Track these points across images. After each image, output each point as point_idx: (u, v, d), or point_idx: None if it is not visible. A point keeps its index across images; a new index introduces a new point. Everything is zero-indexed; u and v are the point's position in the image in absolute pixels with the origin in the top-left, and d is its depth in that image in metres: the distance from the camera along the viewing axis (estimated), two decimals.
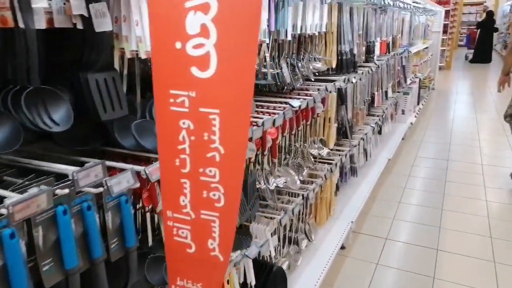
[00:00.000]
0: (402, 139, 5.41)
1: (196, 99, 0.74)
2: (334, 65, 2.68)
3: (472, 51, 14.25)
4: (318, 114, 2.45)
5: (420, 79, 6.59)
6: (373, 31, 3.64)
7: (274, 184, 1.88)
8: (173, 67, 0.74)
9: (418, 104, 6.66)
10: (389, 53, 4.31)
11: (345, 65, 2.79)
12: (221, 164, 0.77)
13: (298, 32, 2.10)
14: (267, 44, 1.80)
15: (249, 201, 1.72)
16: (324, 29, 2.40)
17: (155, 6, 0.74)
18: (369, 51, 3.54)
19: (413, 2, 5.63)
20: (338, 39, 2.75)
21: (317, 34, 2.27)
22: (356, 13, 3.01)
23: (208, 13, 0.70)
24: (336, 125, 2.89)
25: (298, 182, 2.16)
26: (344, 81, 2.64)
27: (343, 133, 3.02)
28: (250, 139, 1.52)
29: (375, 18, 3.72)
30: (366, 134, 3.59)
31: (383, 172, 4.10)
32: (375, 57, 3.77)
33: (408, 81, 5.69)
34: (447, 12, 11.16)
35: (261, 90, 2.10)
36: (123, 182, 1.00)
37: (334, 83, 2.43)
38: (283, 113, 1.77)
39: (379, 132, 4.56)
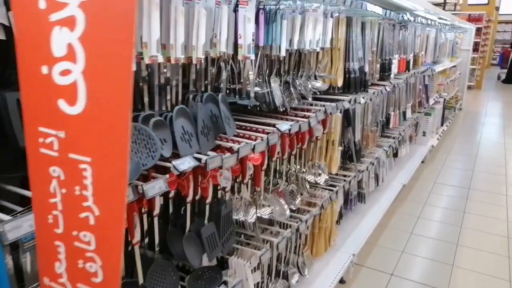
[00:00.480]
0: (422, 162, 5.10)
1: (65, 141, 0.58)
2: (340, 84, 2.47)
3: (505, 70, 13.65)
4: (317, 137, 2.24)
5: (445, 99, 6.26)
6: (390, 48, 3.41)
7: (255, 216, 1.68)
8: (40, 98, 0.58)
9: (442, 125, 6.32)
10: (408, 71, 4.06)
11: (353, 84, 2.58)
12: (97, 228, 0.60)
13: (295, 48, 1.91)
14: (252, 60, 1.63)
15: (221, 235, 1.53)
16: (327, 45, 2.21)
17: (20, 18, 0.58)
18: (385, 69, 3.30)
19: (439, 19, 5.35)
20: (345, 56, 2.54)
21: (318, 50, 2.08)
22: (368, 29, 2.80)
23: (75, 29, 0.54)
24: (341, 148, 2.67)
25: (288, 212, 1.95)
26: (350, 102, 2.43)
27: (349, 157, 2.80)
28: (220, 168, 1.34)
29: (393, 34, 3.49)
30: (377, 157, 3.35)
31: (396, 198, 3.82)
32: (391, 76, 3.53)
33: (431, 101, 5.39)
34: (478, 29, 10.73)
35: (253, 110, 1.92)
36: None
37: (336, 104, 2.22)
38: (267, 138, 1.58)
39: (395, 155, 4.29)
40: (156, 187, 1.04)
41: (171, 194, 1.35)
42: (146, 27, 1.08)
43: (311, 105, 2.29)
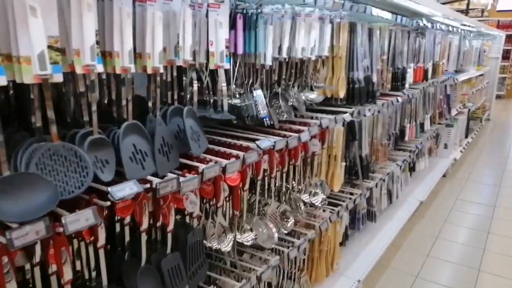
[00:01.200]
0: (443, 176, 4.77)
1: None
2: (341, 95, 2.25)
3: None
4: (314, 152, 2.03)
5: (469, 109, 5.88)
6: (404, 56, 3.16)
7: (231, 243, 1.48)
8: None
9: (466, 137, 5.94)
10: (426, 80, 3.78)
11: (358, 95, 2.35)
12: None
13: (284, 56, 1.72)
14: (227, 70, 1.45)
15: (188, 267, 1.34)
16: (325, 53, 2.00)
17: None
18: (397, 78, 3.05)
19: (462, 25, 5.03)
20: (348, 65, 2.32)
21: (313, 58, 1.88)
22: (377, 35, 2.57)
23: None
24: (344, 164, 2.44)
25: (276, 236, 1.75)
26: (353, 114, 2.21)
27: (355, 172, 2.56)
28: (178, 192, 1.16)
29: (408, 42, 3.24)
30: (389, 173, 3.08)
31: (412, 216, 3.53)
32: (406, 86, 3.27)
33: (454, 112, 5.05)
34: (509, 36, 10.20)
35: (245, 125, 1.73)
36: None
37: (335, 117, 2.00)
38: (243, 156, 1.39)
39: (412, 169, 4.00)
40: (81, 220, 0.87)
41: (127, 220, 1.18)
42: (77, 31, 0.92)
43: (312, 118, 2.08)
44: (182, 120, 1.31)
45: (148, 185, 1.10)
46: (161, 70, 1.18)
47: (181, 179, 1.15)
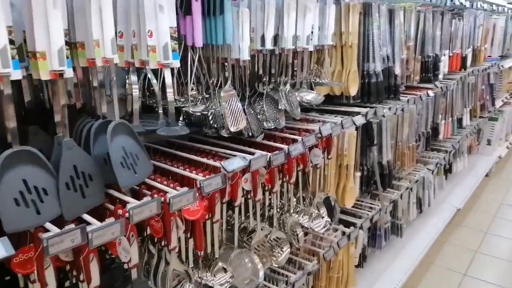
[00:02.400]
0: (486, 176, 4.21)
1: None
2: (353, 92, 1.84)
3: None
4: (316, 165, 1.64)
5: None
6: (437, 41, 2.68)
7: None
8: None
9: None
10: (465, 69, 3.25)
11: (375, 91, 1.92)
12: None
13: (269, 47, 1.34)
14: (176, 68, 1.09)
15: None
16: (328, 42, 1.59)
17: None
18: (428, 68, 2.58)
19: (509, 3, 4.38)
20: (363, 55, 1.90)
21: (311, 49, 1.48)
22: (400, 18, 2.12)
23: None
24: (359, 174, 2.03)
25: (262, 274, 1.38)
26: (366, 116, 1.79)
27: (373, 183, 2.14)
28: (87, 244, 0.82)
29: (442, 25, 2.74)
30: (417, 180, 2.62)
31: (448, 226, 3.05)
32: (439, 77, 2.78)
33: (499, 103, 4.44)
34: None
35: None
36: None
37: (342, 121, 1.60)
38: (200, 185, 1.03)
39: (449, 171, 3.49)
40: None
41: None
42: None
43: (313, 121, 1.70)
44: (126, 137, 0.97)
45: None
46: (69, 74, 0.84)
47: (90, 227, 0.81)
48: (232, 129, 1.17)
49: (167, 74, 1.00)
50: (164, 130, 1.03)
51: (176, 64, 1.03)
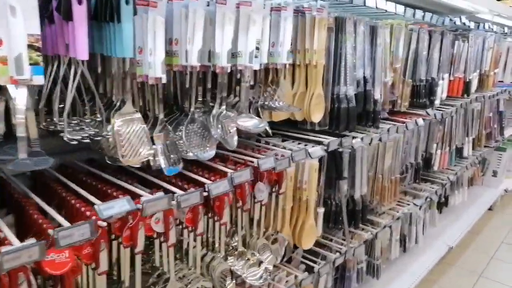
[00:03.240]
0: (489, 209, 3.87)
1: None
2: (316, 119, 1.58)
3: None
4: (261, 202, 1.39)
5: None
6: (434, 64, 2.40)
7: None
8: None
9: None
10: (468, 95, 2.95)
11: (344, 118, 1.66)
12: None
13: (194, 63, 1.10)
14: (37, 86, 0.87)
15: None
16: (283, 60, 1.35)
17: None
18: (420, 94, 2.30)
19: None
20: (333, 77, 1.64)
21: (256, 68, 1.24)
22: (385, 36, 1.86)
23: None
24: (322, 210, 1.77)
25: None
26: (328, 147, 1.54)
27: (340, 220, 1.87)
28: None
29: (441, 46, 2.46)
30: (399, 217, 2.33)
31: (438, 265, 2.75)
32: (436, 102, 2.50)
33: (509, 132, 4.09)
34: None
35: None
36: None
37: (292, 154, 1.35)
38: (56, 235, 0.80)
39: (444, 205, 3.18)
40: None
41: None
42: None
43: (267, 150, 1.46)
44: None
45: None
46: None
47: None
48: (124, 160, 0.94)
49: (19, 94, 0.78)
50: (16, 164, 0.81)
51: (38, 80, 0.80)
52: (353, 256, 1.93)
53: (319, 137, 1.64)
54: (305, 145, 1.63)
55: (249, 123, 1.25)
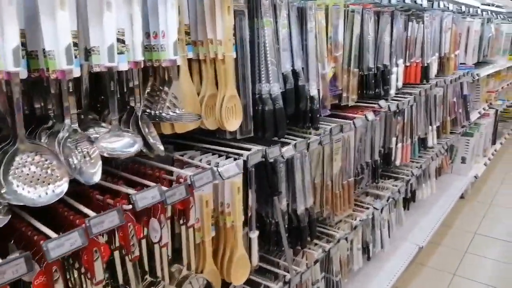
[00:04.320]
0: (461, 197, 3.64)
1: None
2: (231, 127, 1.25)
3: None
4: (159, 243, 1.06)
5: (497, 110, 4.63)
6: (385, 49, 2.10)
7: None
8: None
9: (494, 144, 4.70)
10: (427, 81, 2.68)
11: (271, 122, 1.34)
12: None
13: (13, 69, 0.75)
14: None
15: None
16: (171, 55, 1.01)
17: None
18: (369, 84, 2.00)
19: (485, 5, 3.83)
20: (252, 73, 1.32)
21: (123, 68, 0.90)
22: (319, 20, 1.54)
23: None
24: (256, 234, 1.44)
25: None
26: (247, 162, 1.22)
27: (276, 242, 1.55)
28: None
29: (392, 29, 2.17)
30: (356, 226, 2.03)
31: (408, 269, 2.47)
32: (391, 92, 2.21)
33: (475, 116, 3.87)
34: None
35: None
36: None
37: (191, 180, 1.02)
38: None
39: (411, 200, 2.92)
40: None
41: None
42: None
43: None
44: None
45: None
46: None
47: None
48: None
49: None
50: None
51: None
52: (301, 282, 1.61)
53: (245, 147, 1.32)
54: (227, 157, 1.31)
55: (116, 144, 0.91)
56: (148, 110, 1.09)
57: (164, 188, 0.99)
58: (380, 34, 2.06)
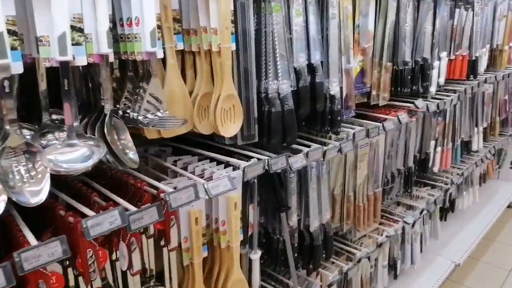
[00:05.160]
0: (508, 207, 3.26)
1: None
2: (227, 132, 1.05)
3: None
4: (129, 271, 0.89)
5: None
6: (426, 41, 1.82)
7: None
8: None
9: None
10: (475, 77, 2.34)
11: (278, 127, 1.13)
12: None
13: None
14: None
15: None
16: (147, 47, 0.82)
17: None
18: (404, 80, 1.72)
19: None
20: (257, 68, 1.10)
21: (82, 62, 0.73)
22: (344, 5, 1.29)
23: None
24: (258, 255, 1.25)
25: None
26: (245, 175, 1.02)
27: (284, 261, 1.34)
28: None
29: (438, 17, 1.88)
30: (381, 244, 1.78)
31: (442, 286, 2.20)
32: (431, 89, 1.93)
33: None
34: None
35: None
36: None
37: (167, 198, 0.84)
38: None
39: (450, 210, 2.61)
40: None
41: None
42: None
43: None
44: None
45: None
46: None
47: None
48: None
49: None
50: None
51: None
52: None
53: (251, 155, 1.12)
54: (226, 166, 1.12)
55: (67, 156, 0.73)
56: (129, 112, 0.91)
57: (133, 208, 0.81)
58: (420, 22, 1.77)
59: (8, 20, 0.65)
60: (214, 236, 1.13)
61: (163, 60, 0.94)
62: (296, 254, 1.35)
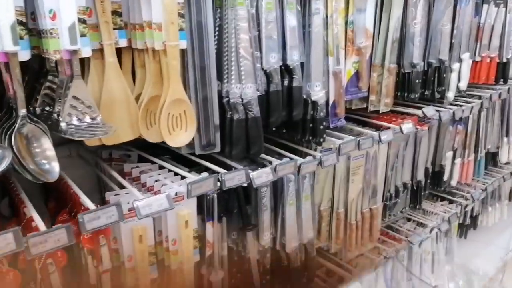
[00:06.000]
0: None
1: None
2: (176, 142, 0.92)
3: None
4: None
5: None
6: (443, 40, 1.60)
7: None
8: None
9: None
10: (505, 81, 2.07)
11: (241, 137, 0.98)
12: None
13: None
14: None
15: None
16: (67, 44, 0.71)
17: None
18: (412, 83, 1.52)
19: None
20: (218, 69, 0.96)
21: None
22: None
23: None
24: (220, 277, 1.11)
25: None
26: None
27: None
28: None
29: (459, 13, 1.66)
30: (377, 266, 1.59)
31: None
32: (449, 95, 1.71)
33: None
34: None
35: None
36: None
37: (82, 222, 0.72)
38: None
39: (471, 226, 2.36)
40: None
41: None
42: None
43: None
44: None
45: None
46: None
47: None
48: None
49: None
50: None
51: None
52: None
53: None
54: (182, 178, 1.00)
55: None
56: (56, 116, 0.81)
57: (41, 230, 0.71)
58: (435, 19, 1.56)
59: None
60: (165, 255, 1.01)
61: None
62: (268, 277, 1.21)
